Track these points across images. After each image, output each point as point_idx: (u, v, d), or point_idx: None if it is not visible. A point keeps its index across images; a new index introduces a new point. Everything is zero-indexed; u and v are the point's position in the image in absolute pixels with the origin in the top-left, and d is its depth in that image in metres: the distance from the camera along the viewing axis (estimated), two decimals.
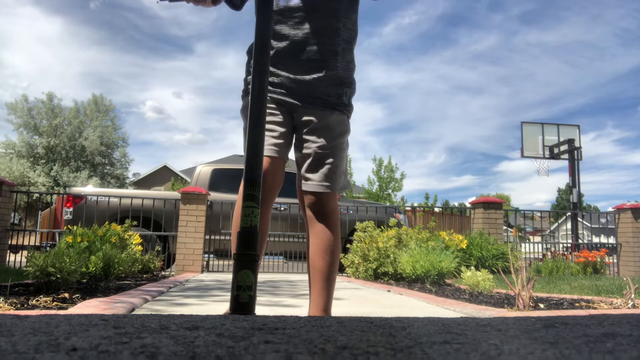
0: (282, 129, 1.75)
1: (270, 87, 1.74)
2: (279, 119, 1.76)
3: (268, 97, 1.73)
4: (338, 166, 1.77)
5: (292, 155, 1.91)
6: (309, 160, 1.76)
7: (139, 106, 74.14)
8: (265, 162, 1.68)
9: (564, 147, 11.91)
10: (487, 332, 0.86)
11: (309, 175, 1.76)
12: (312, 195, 1.76)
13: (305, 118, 1.76)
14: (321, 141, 1.75)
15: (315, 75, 1.72)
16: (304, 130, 1.77)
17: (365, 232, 5.68)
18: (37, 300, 2.46)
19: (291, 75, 1.73)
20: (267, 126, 1.73)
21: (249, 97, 1.59)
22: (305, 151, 1.77)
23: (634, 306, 2.56)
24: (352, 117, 1.88)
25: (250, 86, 1.75)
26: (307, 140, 1.76)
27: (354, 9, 1.80)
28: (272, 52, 1.75)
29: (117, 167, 24.52)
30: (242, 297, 1.24)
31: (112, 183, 23.54)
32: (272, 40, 1.74)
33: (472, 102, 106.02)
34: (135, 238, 5.15)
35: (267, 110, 1.73)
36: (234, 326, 0.85)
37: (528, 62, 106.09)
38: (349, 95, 1.81)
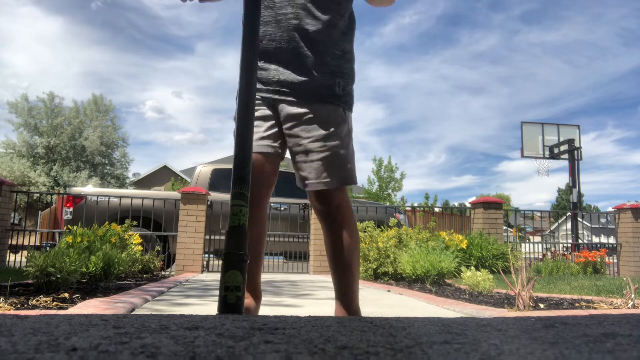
0: (267, 123, 1.65)
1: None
2: (262, 113, 1.64)
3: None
4: (334, 160, 1.61)
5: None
6: (301, 158, 1.63)
7: (139, 106, 74.13)
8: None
9: (564, 147, 11.91)
10: (487, 332, 0.86)
11: (303, 174, 1.64)
12: (312, 194, 1.66)
13: (290, 111, 1.63)
14: (311, 135, 1.60)
15: (301, 77, 1.62)
16: (289, 125, 1.63)
17: (365, 232, 5.67)
18: (37, 300, 2.46)
19: (278, 72, 1.63)
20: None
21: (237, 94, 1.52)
22: (295, 149, 1.64)
23: (634, 306, 2.56)
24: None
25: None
26: (297, 136, 1.62)
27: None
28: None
29: (117, 167, 24.51)
30: (230, 298, 1.23)
31: (112, 183, 23.53)
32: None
33: (472, 102, 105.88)
34: (135, 238, 5.15)
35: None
36: (234, 326, 0.85)
37: (529, 61, 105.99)
38: (343, 86, 1.67)
